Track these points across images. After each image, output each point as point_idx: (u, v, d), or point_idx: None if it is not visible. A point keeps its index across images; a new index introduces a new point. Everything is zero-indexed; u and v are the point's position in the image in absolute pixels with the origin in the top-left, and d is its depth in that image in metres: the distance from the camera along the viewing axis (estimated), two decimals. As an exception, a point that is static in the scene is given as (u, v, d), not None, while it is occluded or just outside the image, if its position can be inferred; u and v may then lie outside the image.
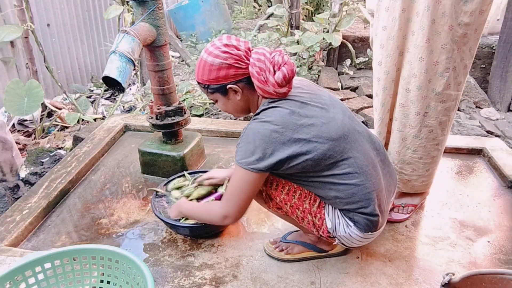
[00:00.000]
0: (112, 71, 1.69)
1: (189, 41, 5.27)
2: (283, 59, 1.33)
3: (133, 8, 2.18)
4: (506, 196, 2.08)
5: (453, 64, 1.58)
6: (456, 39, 1.54)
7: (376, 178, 1.43)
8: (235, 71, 1.33)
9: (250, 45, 1.38)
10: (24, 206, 1.96)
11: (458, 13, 1.49)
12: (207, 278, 1.58)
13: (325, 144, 1.32)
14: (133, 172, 2.35)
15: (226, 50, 1.32)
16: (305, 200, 1.44)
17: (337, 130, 1.35)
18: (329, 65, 4.32)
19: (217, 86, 1.36)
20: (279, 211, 1.52)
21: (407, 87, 1.66)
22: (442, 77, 1.59)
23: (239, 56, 1.32)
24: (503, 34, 3.64)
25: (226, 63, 1.31)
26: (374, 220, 1.41)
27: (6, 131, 2.52)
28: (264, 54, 1.33)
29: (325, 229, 1.45)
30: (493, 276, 1.19)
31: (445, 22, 1.51)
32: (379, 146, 1.52)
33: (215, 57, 1.32)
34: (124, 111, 3.68)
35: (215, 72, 1.33)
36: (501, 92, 3.71)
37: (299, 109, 1.34)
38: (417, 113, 1.67)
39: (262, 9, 7.02)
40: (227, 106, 1.44)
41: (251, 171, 1.31)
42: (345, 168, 1.36)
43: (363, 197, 1.38)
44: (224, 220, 1.44)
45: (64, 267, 1.32)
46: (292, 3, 4.01)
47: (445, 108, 1.66)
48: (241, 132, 1.37)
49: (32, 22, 3.20)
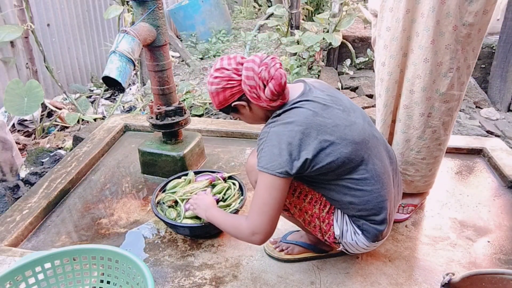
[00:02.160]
0: (112, 71, 1.69)
1: (189, 41, 5.28)
2: (269, 74, 1.28)
3: (133, 8, 2.18)
4: (506, 196, 2.08)
5: (457, 64, 1.57)
6: (460, 39, 1.53)
7: (390, 187, 1.42)
8: (230, 91, 1.34)
9: (241, 58, 1.36)
10: (24, 206, 1.96)
11: (463, 13, 1.49)
12: (207, 278, 1.58)
13: (348, 147, 1.30)
14: (133, 172, 2.35)
15: (216, 75, 1.34)
16: (315, 204, 1.42)
17: (359, 134, 1.33)
18: (329, 65, 4.32)
19: (226, 108, 1.40)
20: (285, 213, 1.50)
21: (411, 89, 1.65)
22: (446, 78, 1.59)
23: (228, 76, 1.33)
24: (503, 34, 3.64)
25: (220, 87, 1.34)
26: (382, 229, 1.41)
27: (6, 131, 2.52)
28: (253, 69, 1.29)
29: (331, 235, 1.44)
30: (493, 276, 1.19)
31: (450, 23, 1.50)
32: (393, 155, 1.51)
33: (211, 85, 1.37)
34: (124, 111, 3.68)
35: (216, 97, 1.37)
36: (501, 92, 3.71)
37: (322, 110, 1.31)
38: (421, 114, 1.66)
39: (262, 9, 7.03)
40: (246, 119, 1.45)
41: (279, 176, 1.26)
42: (363, 174, 1.34)
43: (377, 205, 1.37)
44: (253, 237, 1.32)
45: (64, 267, 1.32)
46: (292, 3, 4.01)
47: (448, 108, 1.66)
48: (259, 137, 1.34)
49: (32, 22, 3.20)
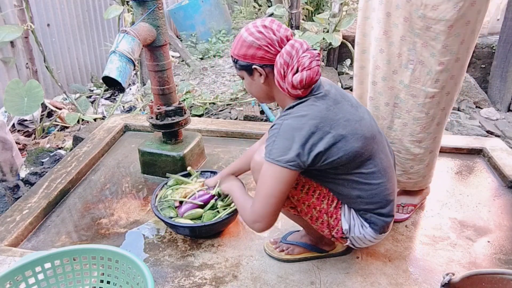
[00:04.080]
0: (112, 71, 1.69)
1: (189, 41, 5.28)
2: (310, 64, 1.27)
3: (133, 8, 2.18)
4: (506, 196, 2.08)
5: (418, 57, 1.57)
6: (417, 32, 1.54)
7: (394, 180, 1.46)
8: (263, 54, 1.31)
9: (291, 35, 1.35)
10: (24, 206, 1.96)
11: (418, 5, 1.49)
12: (207, 278, 1.58)
13: (359, 142, 1.32)
14: (133, 172, 2.35)
15: (261, 31, 1.30)
16: (324, 200, 1.43)
17: (368, 129, 1.36)
18: (329, 65, 4.32)
19: (244, 64, 1.35)
20: (292, 210, 1.49)
21: (373, 80, 1.70)
22: (407, 69, 1.61)
23: (272, 40, 1.29)
24: (503, 34, 3.64)
25: (257, 43, 1.30)
26: (389, 221, 1.44)
27: (6, 131, 2.52)
28: (297, 49, 1.28)
29: (339, 230, 1.45)
30: (493, 276, 1.19)
31: (400, 14, 1.54)
32: (391, 151, 1.55)
33: (249, 34, 1.31)
34: (124, 111, 3.68)
35: (245, 48, 1.32)
36: (501, 92, 3.71)
37: (334, 105, 1.33)
38: (386, 103, 1.70)
39: (262, 9, 7.03)
40: (251, 87, 1.42)
41: (289, 169, 1.25)
42: (371, 168, 1.37)
43: (384, 198, 1.40)
44: (254, 225, 1.35)
45: (64, 267, 1.32)
46: (292, 3, 4.01)
47: (418, 103, 1.64)
48: (271, 129, 1.33)
49: (32, 22, 3.20)
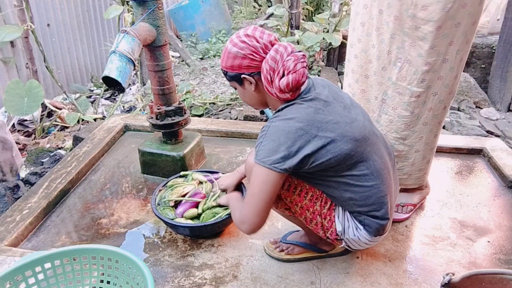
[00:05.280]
0: (112, 71, 1.69)
1: (189, 41, 5.28)
2: (295, 67, 1.27)
3: (133, 8, 2.18)
4: (506, 196, 2.08)
5: (406, 56, 1.59)
6: (406, 31, 1.55)
7: (389, 182, 1.44)
8: (249, 62, 1.32)
9: (275, 39, 1.35)
10: (24, 206, 1.96)
11: (409, 5, 1.50)
12: (207, 278, 1.58)
13: (349, 144, 1.31)
14: (133, 172, 2.35)
15: (244, 40, 1.31)
16: (316, 201, 1.43)
17: (359, 131, 1.35)
18: (329, 65, 4.32)
19: (233, 75, 1.36)
20: (286, 212, 1.50)
21: (366, 74, 1.73)
22: (395, 67, 1.63)
23: (256, 48, 1.30)
24: (503, 34, 3.64)
25: (242, 52, 1.31)
26: (384, 224, 1.42)
27: (6, 131, 2.52)
28: (282, 54, 1.28)
29: (333, 231, 1.45)
30: (493, 276, 1.19)
31: (391, 13, 1.55)
32: (391, 152, 1.53)
33: (233, 45, 1.32)
34: (124, 111, 3.68)
35: (231, 60, 1.33)
36: (501, 92, 3.71)
37: (323, 107, 1.33)
38: (375, 97, 1.73)
39: (262, 9, 7.04)
40: (244, 96, 1.43)
41: (274, 171, 1.26)
42: (363, 170, 1.35)
43: (377, 200, 1.38)
44: (241, 226, 1.36)
45: (64, 267, 1.32)
46: (292, 3, 4.01)
47: (403, 101, 1.65)
48: (261, 131, 1.34)
49: (32, 22, 3.20)
